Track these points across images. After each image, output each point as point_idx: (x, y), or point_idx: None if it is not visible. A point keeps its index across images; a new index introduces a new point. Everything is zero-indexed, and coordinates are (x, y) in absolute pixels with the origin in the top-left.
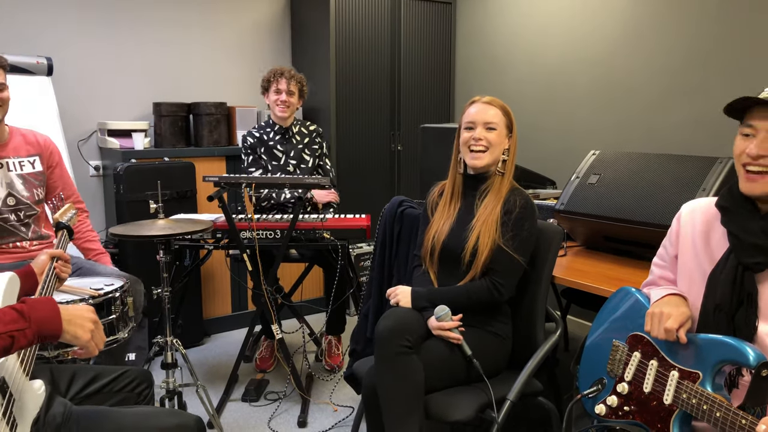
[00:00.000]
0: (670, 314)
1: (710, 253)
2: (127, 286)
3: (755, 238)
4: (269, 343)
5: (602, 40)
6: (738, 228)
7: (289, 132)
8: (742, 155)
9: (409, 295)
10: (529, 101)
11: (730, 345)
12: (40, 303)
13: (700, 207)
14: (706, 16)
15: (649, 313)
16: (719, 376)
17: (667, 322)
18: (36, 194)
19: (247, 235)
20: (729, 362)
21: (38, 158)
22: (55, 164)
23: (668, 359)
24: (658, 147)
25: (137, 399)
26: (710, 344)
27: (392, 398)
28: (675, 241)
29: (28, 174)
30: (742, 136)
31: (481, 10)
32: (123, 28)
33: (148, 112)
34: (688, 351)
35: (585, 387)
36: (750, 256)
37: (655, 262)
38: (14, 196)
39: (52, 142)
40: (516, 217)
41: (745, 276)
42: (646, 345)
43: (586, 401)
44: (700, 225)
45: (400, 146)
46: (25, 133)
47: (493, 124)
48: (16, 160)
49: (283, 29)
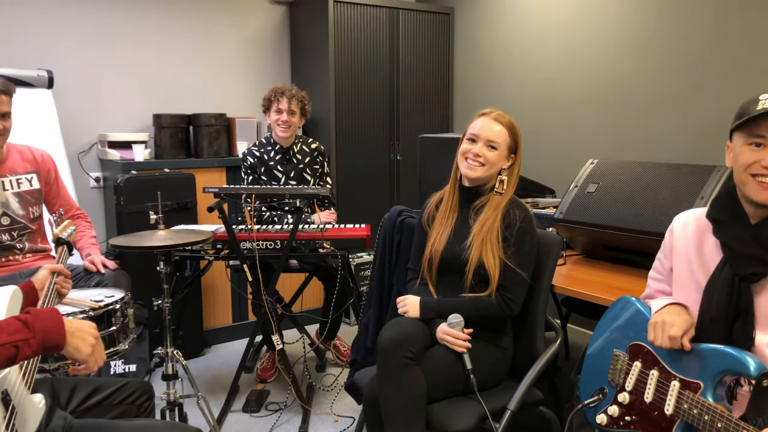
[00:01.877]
0: (674, 323)
1: (704, 264)
2: (127, 298)
3: (748, 248)
4: (270, 353)
5: (600, 49)
6: (731, 239)
7: (290, 152)
8: (753, 166)
9: (417, 304)
10: (528, 110)
11: (730, 355)
12: (44, 313)
13: (691, 219)
14: (703, 23)
15: (652, 323)
16: (720, 386)
17: (671, 330)
18: (32, 212)
19: (248, 246)
20: (729, 372)
21: (36, 175)
22: (53, 180)
23: (669, 369)
24: (656, 155)
25: (138, 411)
26: (711, 354)
27: (394, 410)
28: (669, 254)
29: (25, 192)
30: (751, 146)
31: (479, 20)
32: (123, 40)
33: (148, 123)
34: (689, 361)
35: (586, 396)
36: (745, 267)
37: (651, 276)
38: (9, 215)
39: (49, 158)
40: (518, 232)
41: (742, 287)
42: (647, 354)
43: (587, 411)
44: (692, 237)
45: (400, 156)
46: (21, 150)
47: (495, 143)
48: (13, 178)
49: (283, 40)
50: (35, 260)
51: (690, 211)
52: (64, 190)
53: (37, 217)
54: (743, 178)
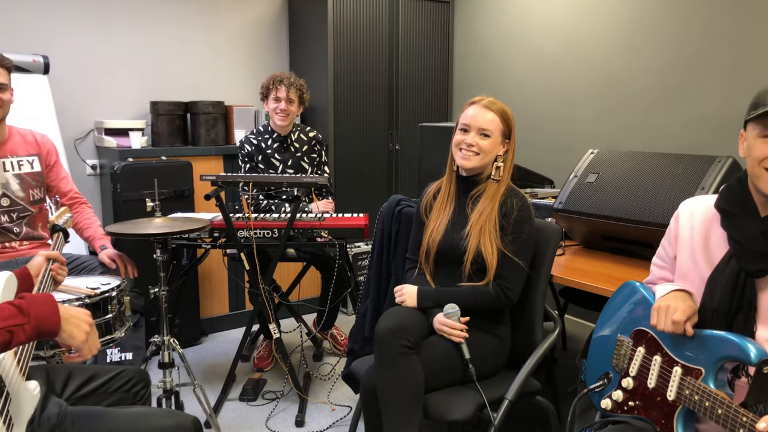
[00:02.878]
0: (677, 308)
1: (709, 256)
2: (123, 285)
3: (757, 243)
4: (267, 343)
5: (600, 39)
6: (739, 232)
7: (288, 140)
8: (767, 160)
9: (415, 294)
10: (527, 100)
11: (732, 341)
12: (38, 299)
13: (699, 207)
14: (704, 14)
15: (655, 308)
16: (722, 372)
17: (675, 315)
18: (32, 195)
19: (245, 234)
20: (731, 359)
21: (37, 158)
22: (53, 162)
23: (672, 355)
24: (656, 145)
25: (134, 399)
26: (713, 340)
27: (392, 399)
28: (674, 241)
29: (26, 174)
30: (766, 138)
31: (479, 9)
32: (120, 26)
33: (145, 110)
34: (691, 347)
35: (591, 381)
36: (753, 263)
37: (654, 262)
38: (9, 196)
39: (49, 140)
40: (515, 220)
41: (747, 282)
42: (650, 340)
43: (592, 395)
44: (698, 226)
45: (398, 145)
46: (24, 133)
47: (488, 131)
48: (15, 159)
49: (281, 28)
50: (31, 248)
51: (698, 198)
52: (64, 172)
53: (37, 201)
54: (756, 172)
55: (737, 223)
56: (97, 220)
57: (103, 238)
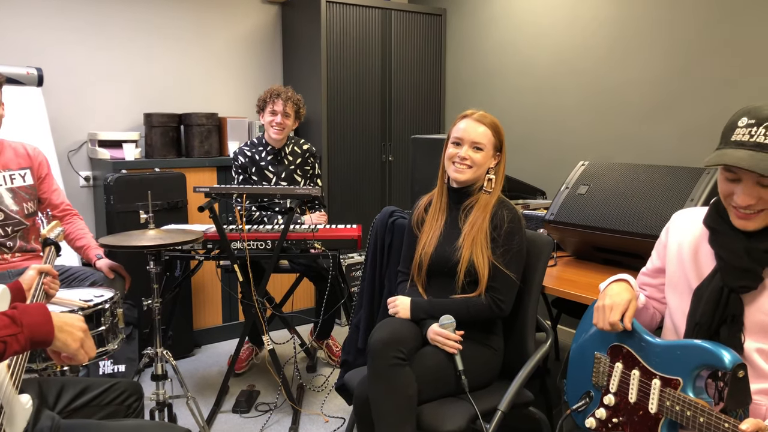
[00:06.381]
0: (612, 306)
1: (698, 269)
2: (117, 298)
3: (740, 261)
4: (249, 346)
5: (592, 52)
6: (723, 249)
7: (282, 153)
8: (729, 198)
9: (408, 305)
10: (519, 112)
11: (705, 349)
12: (31, 308)
13: (691, 219)
14: (694, 27)
15: (596, 307)
16: (699, 380)
17: (611, 315)
18: (26, 208)
19: (238, 246)
20: (706, 366)
21: (29, 171)
22: (45, 175)
23: (649, 368)
24: (646, 157)
25: (127, 411)
26: (687, 350)
27: (385, 411)
28: (662, 252)
29: (18, 188)
30: (726, 179)
31: (472, 22)
32: (114, 38)
33: (139, 122)
34: (667, 358)
35: (573, 400)
36: (736, 280)
37: (641, 271)
38: (3, 211)
39: (41, 153)
40: (506, 232)
41: (730, 298)
42: (627, 355)
43: (576, 416)
44: (689, 239)
45: (391, 157)
46: (15, 146)
47: (481, 144)
48: (7, 173)
49: (275, 40)
50: (24, 260)
51: (690, 210)
52: (56, 184)
53: (32, 213)
54: (725, 206)
55: (723, 240)
56: (89, 232)
57: (98, 248)
